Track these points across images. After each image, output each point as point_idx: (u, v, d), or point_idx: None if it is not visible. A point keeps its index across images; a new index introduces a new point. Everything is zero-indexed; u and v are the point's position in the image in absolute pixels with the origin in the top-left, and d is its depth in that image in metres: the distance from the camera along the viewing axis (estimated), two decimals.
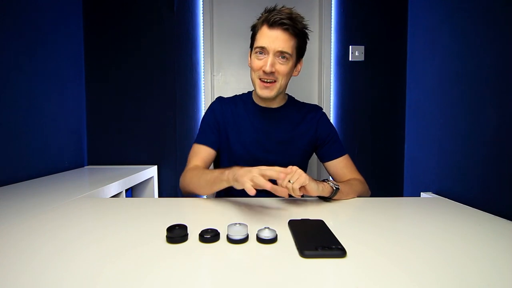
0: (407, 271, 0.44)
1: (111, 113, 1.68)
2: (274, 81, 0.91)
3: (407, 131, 1.71)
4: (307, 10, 1.71)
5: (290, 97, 1.06)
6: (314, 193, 0.76)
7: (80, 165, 1.62)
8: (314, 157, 1.08)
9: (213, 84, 1.73)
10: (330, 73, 1.70)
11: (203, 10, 1.66)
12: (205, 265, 0.47)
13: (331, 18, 1.68)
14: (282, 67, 0.89)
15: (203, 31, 1.66)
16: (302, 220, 0.63)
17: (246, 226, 0.55)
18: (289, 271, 0.43)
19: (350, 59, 1.69)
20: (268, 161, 0.91)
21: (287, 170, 0.69)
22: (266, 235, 0.53)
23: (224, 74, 1.75)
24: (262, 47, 0.88)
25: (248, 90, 1.07)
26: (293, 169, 0.74)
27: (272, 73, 0.89)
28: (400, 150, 1.73)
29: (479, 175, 1.08)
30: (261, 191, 0.96)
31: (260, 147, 0.98)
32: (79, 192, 0.96)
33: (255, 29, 0.93)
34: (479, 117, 1.08)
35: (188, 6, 1.66)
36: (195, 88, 1.69)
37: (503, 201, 0.95)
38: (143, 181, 1.58)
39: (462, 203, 0.88)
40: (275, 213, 0.74)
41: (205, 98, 1.68)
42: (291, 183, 0.71)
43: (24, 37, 1.21)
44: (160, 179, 1.71)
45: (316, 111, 1.04)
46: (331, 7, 1.67)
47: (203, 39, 1.67)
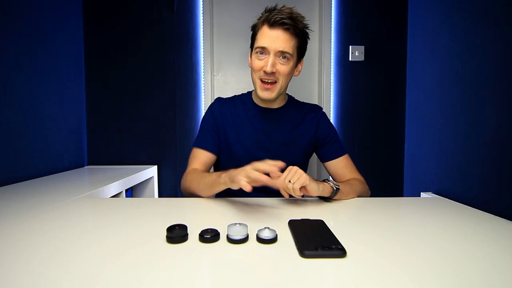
0: (407, 271, 0.44)
1: (111, 113, 1.68)
2: (275, 81, 0.90)
3: (407, 131, 1.71)
4: (307, 10, 1.71)
5: (290, 97, 1.06)
6: (314, 193, 0.76)
7: (80, 165, 1.62)
8: (314, 157, 1.08)
9: (213, 84, 1.73)
10: (330, 73, 1.70)
11: (203, 10, 1.66)
12: (205, 265, 0.47)
13: (331, 18, 1.68)
14: (283, 67, 0.89)
15: (203, 31, 1.66)
16: (302, 220, 0.63)
17: (246, 226, 0.55)
18: (289, 271, 0.43)
19: (350, 59, 1.69)
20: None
21: (279, 163, 0.68)
22: (266, 235, 0.53)
23: (224, 74, 1.75)
24: (263, 47, 0.87)
25: (248, 90, 1.07)
26: (293, 169, 0.74)
27: (273, 73, 0.88)
28: (400, 150, 1.73)
29: (479, 175, 1.08)
30: (261, 191, 0.98)
31: (260, 147, 0.97)
32: (79, 192, 0.96)
33: (255, 29, 0.92)
34: (479, 117, 1.08)
35: (188, 6, 1.66)
36: (195, 88, 1.69)
37: (503, 201, 0.95)
38: (143, 181, 1.58)
39: (462, 203, 0.87)
40: (275, 213, 0.74)
41: (205, 98, 1.68)
42: (292, 183, 0.71)
43: (24, 37, 1.21)
44: (160, 179, 1.71)
45: (316, 111, 1.04)
46: (331, 7, 1.67)
47: (203, 39, 1.67)
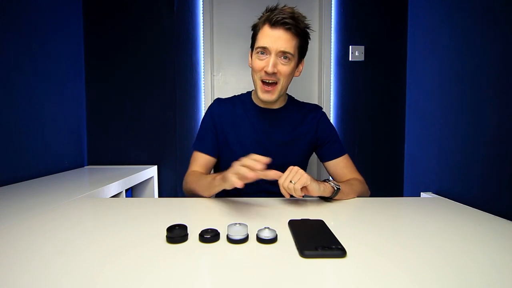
0: (407, 271, 0.44)
1: (111, 113, 1.68)
2: (276, 82, 0.89)
3: (407, 131, 1.71)
4: (307, 10, 1.71)
5: (290, 97, 1.06)
6: (315, 193, 0.76)
7: (80, 165, 1.62)
8: (314, 157, 1.08)
9: (213, 84, 1.73)
10: (330, 73, 1.70)
11: (203, 10, 1.66)
12: (205, 265, 0.47)
13: (331, 18, 1.68)
14: (284, 67, 0.87)
15: (203, 31, 1.66)
16: (302, 220, 0.63)
17: (246, 226, 0.55)
18: (289, 271, 0.43)
19: (350, 59, 1.69)
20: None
21: (262, 159, 0.65)
22: (266, 235, 0.53)
23: (224, 74, 1.75)
24: (264, 47, 0.86)
25: (247, 90, 1.07)
26: (294, 169, 0.74)
27: (274, 73, 0.87)
28: (400, 150, 1.73)
29: (479, 175, 1.07)
30: (261, 191, 0.98)
31: (260, 147, 0.97)
32: (79, 192, 0.96)
33: (256, 29, 0.91)
34: (479, 117, 1.08)
35: (188, 6, 1.66)
36: (195, 88, 1.69)
37: (503, 201, 0.95)
38: (143, 181, 1.58)
39: (462, 203, 0.87)
40: (275, 213, 0.74)
41: (205, 98, 1.68)
42: (293, 183, 0.71)
43: (24, 37, 1.21)
44: (160, 179, 1.71)
45: (316, 111, 1.04)
46: (331, 7, 1.67)
47: (203, 39, 1.67)
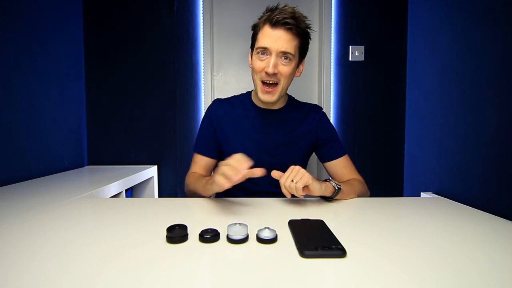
0: (407, 271, 0.44)
1: (111, 113, 1.68)
2: (276, 83, 0.89)
3: (407, 131, 1.71)
4: (307, 10, 1.71)
5: (290, 97, 1.05)
6: (317, 193, 0.76)
7: (80, 165, 1.62)
8: (314, 157, 1.08)
9: (213, 84, 1.73)
10: (330, 73, 1.70)
11: (203, 10, 1.66)
12: (205, 265, 0.47)
13: (331, 18, 1.68)
14: (285, 68, 0.87)
15: (203, 31, 1.66)
16: (302, 220, 0.63)
17: (246, 226, 0.55)
18: (289, 271, 0.43)
19: (350, 59, 1.69)
20: (268, 163, 0.90)
21: (245, 163, 0.67)
22: (266, 235, 0.53)
23: (224, 74, 1.75)
24: (264, 47, 0.85)
25: (247, 90, 1.07)
26: (295, 168, 0.74)
27: (275, 74, 0.86)
28: (400, 150, 1.73)
29: (479, 175, 1.07)
30: (261, 191, 0.98)
31: (260, 148, 0.97)
32: (79, 192, 0.96)
33: (256, 29, 0.90)
34: (479, 117, 1.08)
35: (188, 6, 1.66)
36: (195, 88, 1.69)
37: (503, 201, 0.95)
38: (143, 181, 1.58)
39: (462, 203, 0.87)
40: (275, 213, 0.74)
41: (205, 98, 1.68)
42: (294, 182, 0.71)
43: (24, 37, 1.21)
44: (160, 179, 1.71)
45: (317, 112, 1.04)
46: (331, 7, 1.67)
47: (203, 39, 1.67)
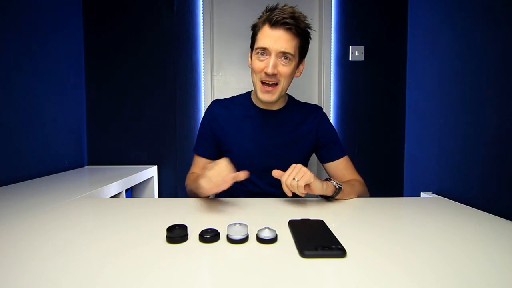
0: (407, 271, 0.44)
1: (111, 113, 1.68)
2: (276, 83, 0.88)
3: (407, 131, 1.71)
4: (307, 10, 1.71)
5: (290, 97, 1.05)
6: (318, 192, 0.76)
7: (80, 165, 1.62)
8: (314, 157, 1.08)
9: (213, 84, 1.73)
10: (330, 73, 1.70)
11: (203, 10, 1.66)
12: (205, 265, 0.47)
13: (331, 18, 1.68)
14: (285, 68, 0.86)
15: (203, 31, 1.66)
16: (302, 220, 0.63)
17: (246, 226, 0.55)
18: (289, 271, 0.43)
19: (350, 59, 1.69)
20: (268, 163, 0.90)
21: (227, 165, 0.70)
22: (266, 235, 0.53)
23: (224, 74, 1.75)
24: (264, 47, 0.85)
25: (247, 90, 1.07)
26: (297, 166, 0.74)
27: (275, 74, 0.85)
28: (400, 150, 1.73)
29: (479, 175, 1.07)
30: (261, 191, 0.98)
31: (261, 148, 0.97)
32: (79, 192, 0.96)
33: (256, 29, 0.89)
34: (479, 117, 1.08)
35: (188, 6, 1.66)
36: (195, 88, 1.69)
37: (503, 201, 0.95)
38: (143, 181, 1.58)
39: (462, 203, 0.88)
40: (275, 213, 0.74)
41: (205, 98, 1.68)
42: (296, 180, 0.71)
43: (24, 37, 1.21)
44: (160, 179, 1.71)
45: (317, 112, 1.03)
46: (331, 7, 1.67)
47: (203, 39, 1.67)
